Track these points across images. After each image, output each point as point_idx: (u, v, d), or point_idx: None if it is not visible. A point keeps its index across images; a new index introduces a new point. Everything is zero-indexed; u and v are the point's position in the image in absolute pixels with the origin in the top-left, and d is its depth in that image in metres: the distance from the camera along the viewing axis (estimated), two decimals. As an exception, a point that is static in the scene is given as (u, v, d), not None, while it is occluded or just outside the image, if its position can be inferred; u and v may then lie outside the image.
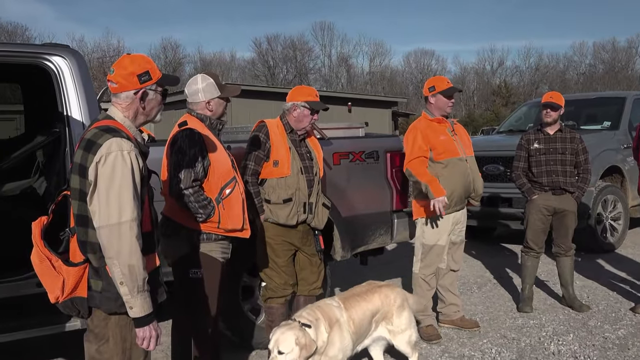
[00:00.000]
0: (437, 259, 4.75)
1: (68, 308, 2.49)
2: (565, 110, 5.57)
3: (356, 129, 5.42)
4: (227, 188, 3.40)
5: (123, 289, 2.30)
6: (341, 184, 4.84)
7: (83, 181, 2.34)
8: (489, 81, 59.90)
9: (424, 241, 4.74)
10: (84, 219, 2.36)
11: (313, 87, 4.21)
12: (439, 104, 4.70)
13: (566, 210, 5.33)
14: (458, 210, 4.73)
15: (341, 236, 4.77)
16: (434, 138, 4.63)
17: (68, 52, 4.05)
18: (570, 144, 5.32)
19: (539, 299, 5.75)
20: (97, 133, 2.38)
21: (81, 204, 2.36)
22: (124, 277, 2.28)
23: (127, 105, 2.51)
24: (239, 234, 3.49)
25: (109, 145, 2.31)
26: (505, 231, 9.06)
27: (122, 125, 2.46)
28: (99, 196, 2.29)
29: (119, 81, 2.49)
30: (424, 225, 4.73)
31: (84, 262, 2.41)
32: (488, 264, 7.37)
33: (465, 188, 4.68)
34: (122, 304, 2.35)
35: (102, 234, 2.29)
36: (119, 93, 2.50)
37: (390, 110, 27.75)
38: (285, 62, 60.83)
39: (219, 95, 3.55)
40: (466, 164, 4.68)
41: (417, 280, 4.78)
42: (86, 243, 2.38)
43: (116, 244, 2.27)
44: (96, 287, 2.41)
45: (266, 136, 4.01)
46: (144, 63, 2.53)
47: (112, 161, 2.29)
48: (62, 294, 2.43)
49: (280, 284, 4.10)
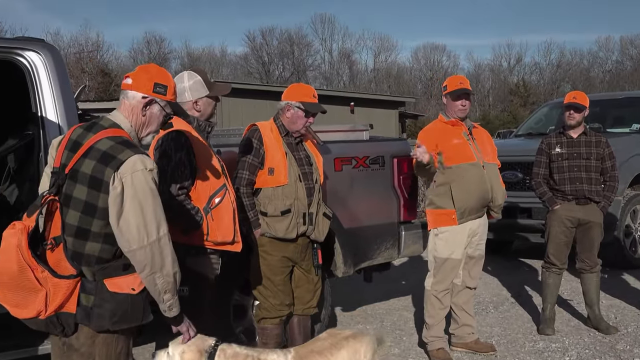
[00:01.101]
0: (451, 274, 4.75)
1: (52, 325, 2.52)
2: (590, 111, 5.57)
3: (360, 132, 5.43)
4: (216, 196, 3.40)
5: (166, 296, 2.54)
6: (343, 192, 4.84)
7: (95, 194, 2.45)
8: (505, 79, 59.97)
9: (436, 254, 4.74)
10: (84, 231, 2.47)
11: (312, 85, 4.21)
12: (450, 105, 4.75)
13: (591, 222, 5.33)
14: (474, 219, 4.73)
15: (343, 250, 4.77)
16: (445, 141, 4.65)
17: (43, 46, 4.05)
18: (595, 149, 5.32)
19: (561, 320, 5.74)
20: (114, 146, 2.48)
21: (84, 216, 2.47)
22: (169, 285, 2.53)
23: (131, 108, 2.63)
24: (229, 247, 3.49)
25: (134, 164, 2.45)
26: (524, 245, 9.06)
27: (129, 135, 2.58)
28: (133, 218, 2.43)
29: (136, 79, 2.65)
30: (436, 237, 4.74)
31: (77, 275, 2.47)
32: (505, 282, 7.36)
33: (481, 196, 4.67)
34: (116, 322, 2.49)
35: (143, 253, 2.46)
36: (128, 91, 2.64)
37: (396, 111, 27.77)
38: (282, 58, 60.95)
39: (207, 94, 3.56)
40: (482, 170, 4.68)
41: (428, 297, 4.79)
42: (82, 255, 2.48)
43: (159, 258, 2.48)
44: (87, 303, 2.48)
45: (259, 141, 4.01)
46: (167, 79, 2.71)
47: (141, 181, 2.45)
48: (45, 309, 2.45)
49: (276, 304, 4.10)
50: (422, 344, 5.05)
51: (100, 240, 2.49)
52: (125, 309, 2.50)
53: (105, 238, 2.49)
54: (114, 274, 2.51)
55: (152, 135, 2.74)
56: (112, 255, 2.52)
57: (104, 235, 2.49)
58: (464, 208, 4.62)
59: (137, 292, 2.52)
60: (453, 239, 4.69)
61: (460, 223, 4.65)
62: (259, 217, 4.00)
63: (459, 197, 4.60)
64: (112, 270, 2.51)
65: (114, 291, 2.49)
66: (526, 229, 7.92)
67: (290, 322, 4.27)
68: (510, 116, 44.26)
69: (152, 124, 2.70)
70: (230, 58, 63.18)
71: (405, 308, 6.34)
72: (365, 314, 6.20)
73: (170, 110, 2.72)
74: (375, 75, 62.22)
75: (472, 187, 4.64)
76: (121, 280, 2.51)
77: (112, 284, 2.49)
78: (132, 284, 2.52)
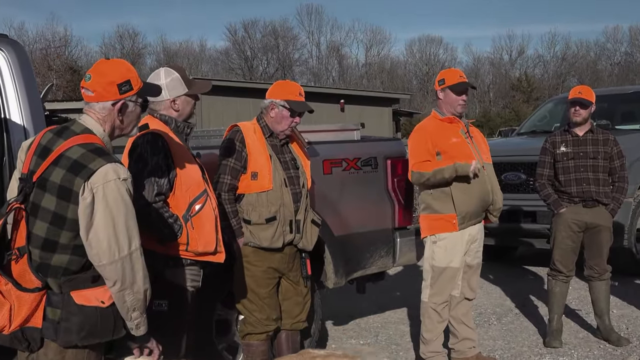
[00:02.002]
0: (450, 285, 4.76)
1: (17, 340, 2.52)
2: (597, 107, 5.62)
3: (350, 132, 5.44)
4: (196, 203, 3.40)
5: (134, 314, 2.56)
6: (333, 197, 4.85)
7: (64, 205, 2.46)
8: (507, 74, 60.35)
9: (433, 263, 4.74)
10: (51, 243, 2.48)
11: (298, 82, 4.23)
12: (448, 100, 4.72)
13: (600, 226, 5.36)
14: (474, 224, 4.74)
15: (334, 259, 4.78)
16: (443, 141, 4.65)
17: (6, 42, 4.04)
18: (603, 147, 5.37)
19: (569, 332, 5.78)
20: (85, 154, 2.48)
21: (52, 227, 2.48)
22: (138, 302, 2.55)
23: (103, 116, 2.64)
24: (211, 257, 3.49)
25: (106, 173, 2.45)
26: (528, 251, 9.10)
27: (102, 142, 2.58)
28: (104, 231, 2.44)
29: (97, 90, 2.62)
30: (434, 244, 4.74)
31: (42, 288, 2.48)
32: (508, 291, 7.39)
33: (483, 200, 4.70)
34: (85, 337, 2.49)
35: (114, 269, 2.47)
36: (93, 103, 2.63)
37: (390, 108, 27.86)
38: (266, 53, 61.00)
39: (186, 93, 3.55)
40: (483, 171, 4.70)
41: (426, 310, 4.78)
42: (48, 267, 2.49)
43: (129, 274, 2.50)
44: (53, 317, 2.49)
45: (242, 143, 4.02)
46: (125, 71, 2.67)
47: (113, 191, 2.46)
48: (9, 324, 2.46)
49: (262, 319, 4.10)
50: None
51: (68, 252, 2.50)
52: (94, 323, 2.51)
53: (74, 250, 2.50)
54: (82, 286, 2.51)
55: (136, 126, 2.79)
56: (81, 267, 2.52)
57: (72, 247, 2.50)
58: (466, 212, 4.63)
59: (106, 305, 2.53)
60: (452, 246, 4.69)
61: (461, 229, 4.66)
62: (242, 225, 4.01)
63: (461, 200, 4.60)
64: (80, 282, 2.52)
65: (81, 304, 2.49)
66: (530, 234, 7.96)
67: (277, 338, 4.27)
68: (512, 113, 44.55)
69: (132, 120, 2.73)
70: (210, 53, 63.30)
71: (402, 321, 6.36)
72: (359, 327, 6.22)
73: (142, 98, 2.74)
74: (366, 71, 62.41)
75: (475, 190, 4.64)
76: (89, 293, 2.52)
77: (80, 297, 2.50)
78: (102, 296, 2.53)
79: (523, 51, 63.13)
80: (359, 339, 5.88)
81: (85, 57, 50.72)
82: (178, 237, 3.34)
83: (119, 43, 57.93)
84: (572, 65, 61.27)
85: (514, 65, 62.35)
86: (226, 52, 61.76)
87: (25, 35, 48.29)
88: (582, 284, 6.83)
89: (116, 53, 54.44)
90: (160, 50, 60.88)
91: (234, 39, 61.32)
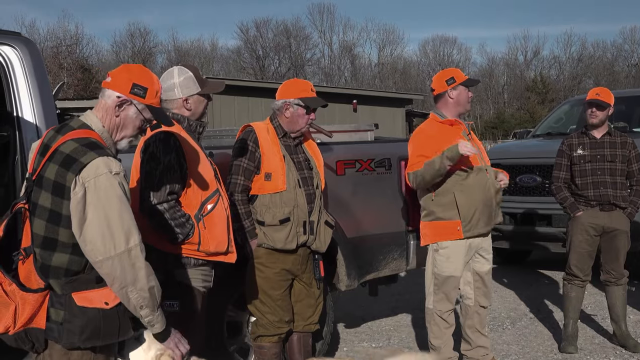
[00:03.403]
0: (454, 292, 4.70)
1: (21, 341, 2.53)
2: (614, 109, 5.59)
3: (364, 132, 5.44)
4: (208, 203, 3.41)
5: (144, 312, 2.54)
6: (346, 198, 4.85)
7: (58, 201, 2.46)
8: (522, 74, 60.13)
9: (436, 271, 4.65)
10: (50, 241, 2.48)
11: (309, 81, 4.21)
12: (461, 98, 4.64)
13: (617, 230, 5.34)
14: (482, 235, 4.64)
15: (346, 261, 4.77)
16: (445, 144, 4.45)
17: (19, 40, 4.06)
18: (620, 150, 5.34)
19: (585, 337, 5.75)
20: (77, 148, 2.48)
21: (50, 225, 2.47)
22: (145, 300, 2.52)
23: (105, 108, 2.65)
24: (223, 258, 3.50)
25: (97, 167, 2.44)
26: (543, 255, 9.06)
27: (99, 137, 2.58)
28: (97, 226, 2.43)
29: (115, 77, 2.69)
30: (435, 252, 4.65)
31: (45, 288, 2.48)
32: (523, 295, 7.37)
33: (487, 204, 4.59)
34: (87, 338, 2.48)
35: (110, 265, 2.45)
36: (105, 89, 2.67)
37: (403, 109, 27.79)
38: (277, 52, 61.09)
39: (199, 92, 3.57)
40: (486, 175, 4.62)
41: (432, 317, 4.72)
42: (49, 267, 2.48)
43: (130, 272, 2.48)
44: (56, 318, 2.49)
45: (255, 144, 4.02)
46: (149, 81, 2.71)
47: (105, 186, 2.44)
48: (13, 324, 2.47)
49: (274, 321, 4.11)
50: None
51: (68, 251, 2.50)
52: (96, 325, 2.50)
53: (73, 249, 2.50)
54: (84, 287, 2.51)
55: (127, 140, 2.71)
56: (82, 267, 2.52)
57: (72, 245, 2.49)
58: (471, 217, 4.53)
59: (110, 306, 2.52)
60: (455, 254, 4.59)
61: (467, 237, 4.56)
62: (255, 226, 4.01)
63: (464, 204, 4.50)
64: (82, 283, 2.51)
65: (82, 305, 2.49)
66: (546, 237, 7.92)
67: (289, 340, 4.27)
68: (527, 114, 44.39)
69: (127, 128, 2.69)
70: (222, 52, 63.36)
71: (414, 324, 6.34)
72: (371, 330, 6.21)
73: (150, 115, 2.70)
74: (379, 71, 62.31)
75: (479, 194, 4.54)
76: (92, 294, 2.51)
77: (81, 298, 2.50)
78: (106, 297, 2.52)
79: (538, 52, 62.91)
80: (371, 342, 5.87)
81: (97, 56, 51.11)
82: (190, 237, 3.35)
83: (130, 41, 58.16)
84: (588, 66, 60.97)
85: (529, 66, 62.11)
86: (238, 51, 61.88)
87: (37, 33, 48.53)
88: (598, 288, 6.80)
89: (127, 52, 54.71)
90: (171, 49, 61.06)
91: (245, 37, 61.44)
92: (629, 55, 62.53)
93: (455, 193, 4.52)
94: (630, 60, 62.12)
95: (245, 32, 61.41)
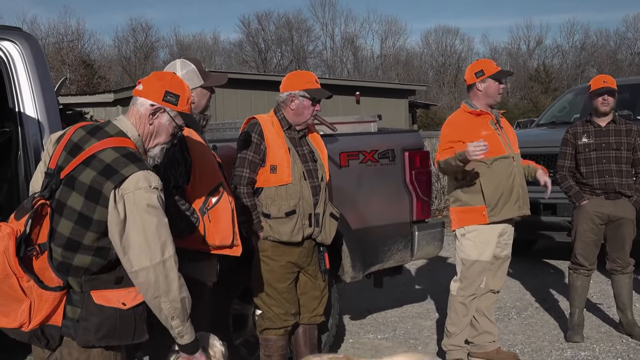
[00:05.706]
0: (479, 278, 4.73)
1: (36, 338, 2.55)
2: (618, 97, 5.57)
3: (367, 124, 5.43)
4: (213, 196, 3.41)
5: (174, 322, 2.56)
6: (350, 190, 4.85)
7: (91, 206, 2.47)
8: (525, 64, 59.92)
9: (462, 256, 4.71)
10: (74, 243, 2.49)
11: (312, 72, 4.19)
12: (490, 91, 4.66)
13: (623, 218, 5.32)
14: (506, 221, 4.72)
15: (351, 253, 4.77)
16: (473, 134, 4.52)
17: (20, 36, 4.06)
18: (626, 138, 5.32)
19: (591, 326, 5.75)
20: (118, 159, 2.50)
21: (77, 227, 2.49)
22: (176, 311, 2.55)
23: (139, 116, 2.68)
24: (228, 251, 3.49)
25: (137, 181, 2.47)
26: (548, 244, 9.06)
27: (135, 146, 2.61)
28: (135, 238, 2.47)
29: (147, 85, 2.72)
30: (462, 237, 4.71)
31: (64, 287, 2.50)
32: (528, 285, 7.37)
33: (512, 191, 4.65)
34: (102, 337, 2.51)
35: (146, 275, 2.48)
36: (137, 97, 2.69)
37: (406, 100, 27.75)
38: (280, 45, 60.98)
39: (202, 85, 3.56)
40: (512, 163, 4.68)
41: (454, 304, 4.75)
42: (70, 266, 2.50)
43: (164, 282, 2.51)
44: (73, 315, 2.51)
45: (260, 136, 4.01)
46: (181, 88, 2.75)
47: (144, 199, 2.48)
48: (29, 321, 2.48)
49: (280, 314, 4.11)
50: (439, 354, 5.06)
51: (91, 253, 2.52)
52: (113, 325, 2.53)
53: (96, 251, 2.52)
54: (104, 286, 2.54)
55: (160, 147, 2.75)
56: (102, 268, 2.54)
57: (95, 248, 2.52)
58: (496, 202, 4.59)
59: (128, 307, 2.54)
60: (482, 238, 4.65)
61: (492, 221, 4.62)
62: (260, 219, 4.01)
63: (490, 191, 4.56)
64: (102, 283, 2.54)
65: (100, 304, 2.51)
66: (551, 226, 7.91)
67: (295, 333, 4.27)
68: (530, 104, 44.24)
69: (160, 135, 2.72)
70: (224, 45, 63.25)
71: (420, 315, 6.35)
72: (376, 322, 6.21)
73: (182, 122, 2.74)
74: (382, 62, 62.16)
75: (505, 182, 4.61)
76: (111, 294, 2.54)
77: (99, 297, 2.52)
78: (124, 298, 2.55)
79: (541, 41, 62.65)
80: (377, 333, 5.87)
81: (99, 51, 50.97)
82: (195, 231, 3.34)
83: (132, 37, 58.00)
84: (591, 55, 60.74)
85: (532, 56, 61.90)
86: (240, 44, 61.73)
87: (38, 29, 48.41)
88: (604, 277, 6.79)
89: (129, 47, 54.64)
90: (173, 43, 60.91)
91: (247, 31, 61.28)
92: (632, 44, 62.25)
93: (480, 180, 4.58)
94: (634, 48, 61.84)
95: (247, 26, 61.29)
